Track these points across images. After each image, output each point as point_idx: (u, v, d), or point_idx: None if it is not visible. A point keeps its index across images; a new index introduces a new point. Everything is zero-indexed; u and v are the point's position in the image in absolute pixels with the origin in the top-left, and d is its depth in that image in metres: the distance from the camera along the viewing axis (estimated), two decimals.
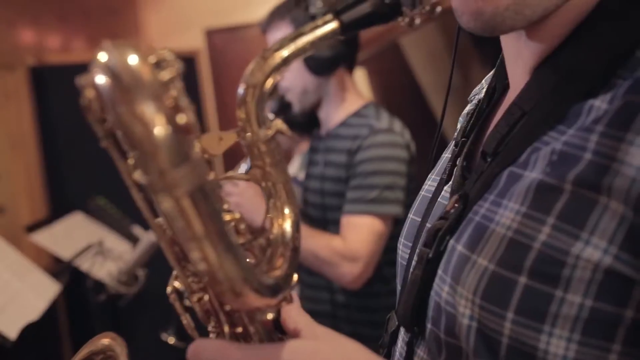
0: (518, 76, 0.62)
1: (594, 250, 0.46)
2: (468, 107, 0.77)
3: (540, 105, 0.55)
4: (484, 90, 0.73)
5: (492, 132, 0.60)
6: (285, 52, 0.50)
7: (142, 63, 0.40)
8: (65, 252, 2.32)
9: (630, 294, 0.45)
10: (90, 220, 2.59)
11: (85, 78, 0.43)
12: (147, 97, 0.39)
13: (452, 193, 0.65)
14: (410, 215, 0.75)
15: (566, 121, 0.52)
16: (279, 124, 0.51)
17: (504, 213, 0.52)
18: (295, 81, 1.67)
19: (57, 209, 3.04)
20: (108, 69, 0.40)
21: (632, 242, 0.44)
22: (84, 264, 2.10)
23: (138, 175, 0.40)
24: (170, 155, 0.39)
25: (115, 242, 2.17)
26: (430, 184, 0.74)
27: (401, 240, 0.74)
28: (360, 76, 3.90)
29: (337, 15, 0.51)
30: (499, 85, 0.68)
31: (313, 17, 1.59)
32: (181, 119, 0.41)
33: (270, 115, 1.68)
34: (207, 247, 0.41)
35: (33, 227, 2.44)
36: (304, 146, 2.36)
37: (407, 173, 1.58)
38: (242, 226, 0.53)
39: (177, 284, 0.54)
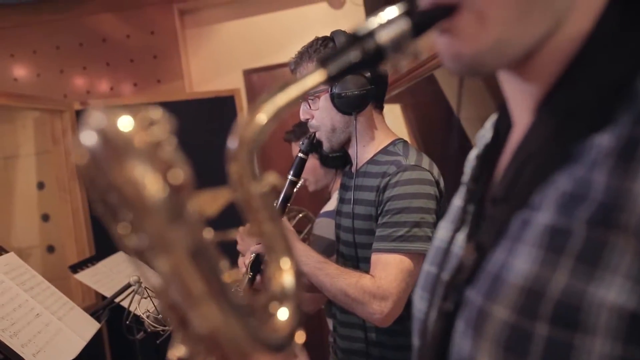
0: (520, 116, 0.61)
1: (614, 292, 0.43)
2: (475, 151, 0.75)
3: (544, 147, 0.53)
4: (490, 134, 0.71)
5: (502, 178, 0.59)
6: (275, 106, 0.49)
7: (132, 124, 0.41)
8: (108, 290, 2.39)
9: None
10: (132, 259, 2.65)
11: (76, 140, 0.43)
12: (139, 158, 0.40)
13: (467, 242, 0.62)
14: (426, 266, 0.72)
15: (571, 161, 0.50)
16: (273, 178, 0.51)
17: (518, 260, 0.50)
18: (324, 120, 1.69)
19: (102, 249, 3.14)
20: (98, 131, 0.41)
21: None
22: (125, 302, 2.16)
23: (134, 239, 0.41)
24: (164, 215, 0.39)
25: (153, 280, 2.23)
26: (443, 232, 0.72)
27: (417, 291, 0.72)
28: (395, 110, 3.93)
29: (323, 65, 0.51)
30: (504, 127, 0.66)
31: None
32: (175, 177, 0.41)
33: (302, 155, 1.71)
34: (209, 307, 0.41)
35: (77, 266, 2.53)
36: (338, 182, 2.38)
37: (436, 209, 1.57)
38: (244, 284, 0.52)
39: (178, 352, 0.50)
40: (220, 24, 4.92)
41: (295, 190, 1.71)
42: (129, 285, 2.12)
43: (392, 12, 0.52)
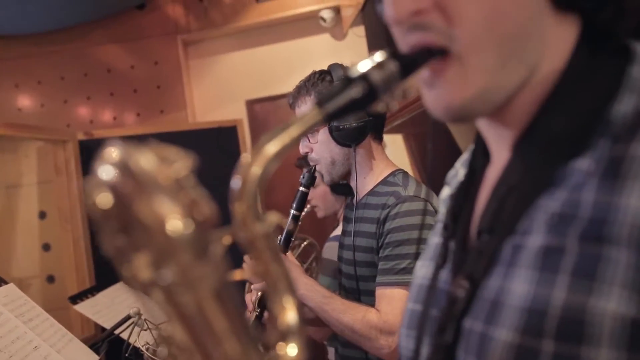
0: (499, 153, 0.63)
1: (614, 302, 0.45)
2: (447, 191, 0.77)
3: (527, 176, 0.56)
4: (462, 173, 0.74)
5: (484, 211, 0.61)
6: (276, 146, 0.50)
7: (154, 159, 0.42)
8: (107, 322, 2.37)
9: None
10: (133, 290, 2.64)
11: (95, 177, 0.43)
12: (164, 193, 0.41)
13: (453, 276, 0.64)
14: (410, 304, 0.73)
15: (554, 186, 0.53)
16: (276, 217, 0.52)
17: (516, 283, 0.52)
18: (324, 153, 1.69)
19: (102, 280, 3.13)
20: (123, 167, 0.41)
21: None
22: (124, 334, 2.14)
23: (152, 274, 0.41)
24: (192, 251, 0.40)
25: (153, 313, 2.22)
26: (424, 270, 0.73)
27: (402, 330, 0.73)
28: (397, 140, 3.94)
29: (320, 106, 0.53)
30: (479, 165, 0.68)
31: None
32: (200, 214, 0.41)
33: (303, 189, 1.72)
34: (231, 345, 0.42)
35: (77, 297, 2.51)
36: None
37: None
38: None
39: None
40: (223, 54, 4.97)
41: (298, 224, 1.72)
42: (128, 317, 2.10)
43: (381, 55, 0.55)
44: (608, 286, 0.46)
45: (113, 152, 0.42)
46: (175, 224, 0.40)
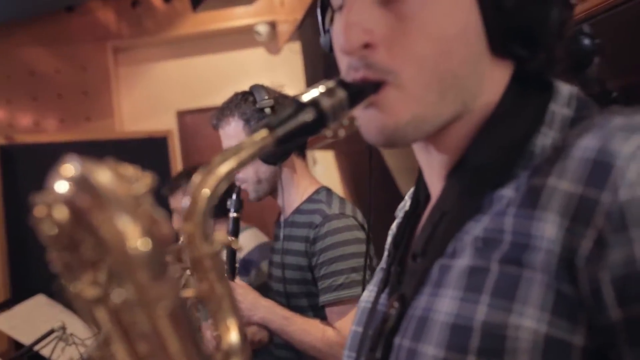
0: (435, 184, 0.67)
1: (529, 320, 0.50)
2: (396, 222, 0.81)
3: (457, 203, 0.60)
4: (408, 203, 0.77)
5: (419, 236, 0.65)
6: (228, 166, 0.51)
7: (116, 176, 0.41)
8: (26, 337, 2.25)
9: (569, 357, 0.49)
10: (54, 303, 2.52)
11: (51, 191, 0.42)
12: (123, 209, 0.40)
13: (389, 297, 0.67)
14: (353, 327, 0.76)
15: (481, 211, 0.57)
16: (223, 237, 0.52)
17: (442, 301, 0.56)
18: (249, 172, 1.72)
19: (19, 292, 2.97)
20: (81, 183, 0.41)
21: (561, 306, 0.49)
22: (45, 350, 2.04)
23: (110, 293, 0.41)
24: (151, 270, 0.39)
25: (79, 327, 2.13)
26: (367, 294, 0.77)
27: (345, 352, 0.75)
28: (328, 157, 3.98)
29: (270, 129, 0.53)
30: (422, 197, 0.72)
31: (260, 110, 1.67)
32: (159, 232, 0.41)
33: (234, 215, 1.72)
34: None
35: None
36: None
37: (367, 252, 1.62)
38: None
39: None
40: (155, 63, 4.88)
41: (237, 249, 1.72)
42: (51, 332, 2.00)
43: (330, 83, 0.56)
44: (525, 305, 0.50)
45: (70, 167, 0.42)
46: (135, 242, 0.39)
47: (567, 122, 0.58)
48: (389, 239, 0.81)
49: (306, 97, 0.55)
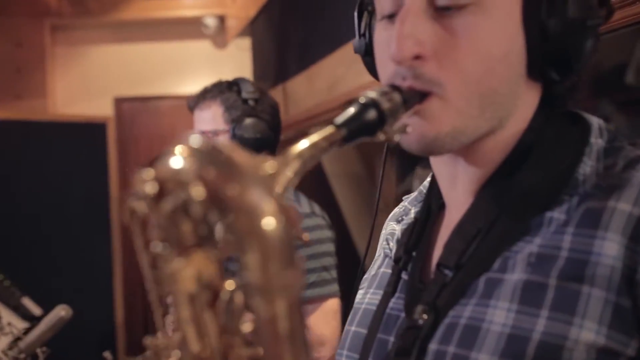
0: (457, 197, 0.69)
1: (588, 332, 0.53)
2: (395, 227, 0.81)
3: (500, 221, 0.63)
4: (413, 210, 0.79)
5: (447, 248, 0.66)
6: (299, 161, 0.50)
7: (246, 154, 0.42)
8: None
9: None
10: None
11: (169, 165, 0.42)
12: (262, 186, 0.40)
13: (408, 304, 0.68)
14: (352, 328, 0.77)
15: (530, 232, 0.61)
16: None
17: (495, 312, 0.58)
18: None
19: None
20: (213, 158, 0.41)
21: (619, 320, 0.54)
22: None
23: (252, 274, 0.39)
24: (289, 253, 0.39)
25: (7, 317, 2.01)
26: (370, 297, 0.77)
27: (343, 352, 0.76)
28: None
29: (337, 127, 0.54)
30: (435, 206, 0.74)
31: (245, 101, 1.66)
32: (290, 213, 0.40)
33: None
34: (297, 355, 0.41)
35: None
36: None
37: (336, 251, 1.67)
38: None
39: None
40: (95, 45, 4.71)
41: None
42: None
43: (385, 87, 0.59)
44: (585, 319, 0.54)
45: (193, 140, 0.42)
46: (270, 220, 0.38)
47: (602, 152, 0.62)
48: (387, 243, 0.81)
49: (366, 98, 0.56)
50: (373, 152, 3.01)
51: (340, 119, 0.54)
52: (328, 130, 0.53)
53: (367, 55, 0.74)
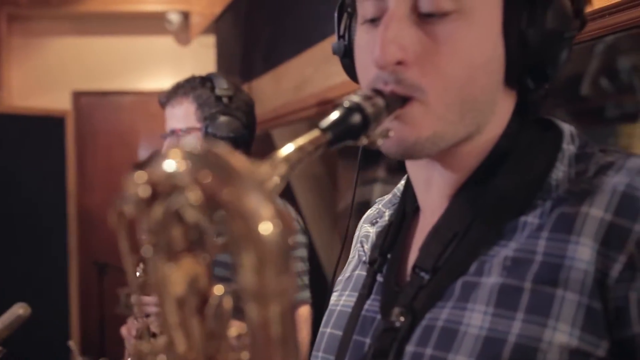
0: (432, 201, 0.70)
1: (561, 334, 0.55)
2: (372, 229, 0.82)
3: (476, 225, 0.64)
4: (387, 213, 0.80)
5: (424, 251, 0.67)
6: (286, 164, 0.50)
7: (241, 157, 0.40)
8: None
9: None
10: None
11: (163, 167, 0.41)
12: (258, 190, 0.39)
13: (384, 306, 0.69)
14: (328, 329, 0.77)
15: (505, 236, 0.62)
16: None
17: (472, 315, 0.59)
18: None
19: None
20: (209, 161, 0.40)
21: (590, 322, 0.55)
22: None
23: (248, 279, 0.39)
24: (285, 259, 0.39)
25: None
26: (345, 299, 0.78)
27: (318, 354, 0.76)
28: None
29: (323, 131, 0.54)
30: (410, 209, 0.75)
31: (218, 98, 1.62)
32: (286, 218, 0.40)
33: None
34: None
35: None
36: None
37: (308, 257, 1.64)
38: None
39: None
40: (54, 37, 4.60)
41: None
42: None
43: (367, 91, 0.59)
44: (558, 321, 0.56)
45: (190, 144, 0.41)
46: (268, 226, 0.38)
47: (573, 158, 0.64)
48: (361, 245, 0.82)
49: (350, 103, 0.56)
50: (333, 154, 3.02)
51: (325, 122, 0.54)
52: (313, 133, 0.53)
53: (346, 57, 0.73)
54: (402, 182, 0.81)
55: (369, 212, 0.87)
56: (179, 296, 0.44)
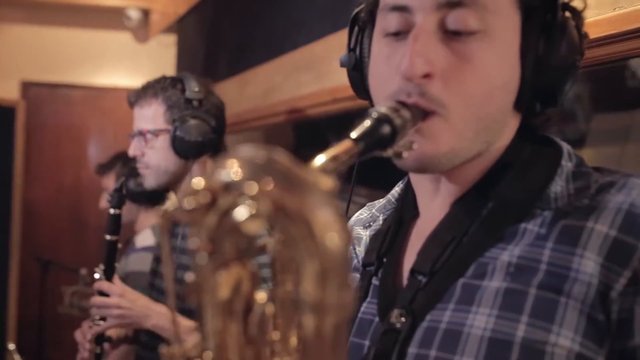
0: (434, 208, 0.72)
1: (565, 339, 0.57)
2: (365, 233, 0.83)
3: (474, 230, 0.66)
4: (381, 217, 0.82)
5: (422, 255, 0.69)
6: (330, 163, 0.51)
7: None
8: None
9: None
10: None
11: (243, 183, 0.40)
12: (327, 202, 0.39)
13: (383, 309, 0.70)
14: None
15: (504, 240, 0.64)
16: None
17: (476, 317, 0.61)
18: (159, 160, 1.62)
19: None
20: (272, 171, 0.40)
21: (592, 331, 0.58)
22: None
23: (309, 290, 0.39)
24: (347, 272, 0.39)
25: None
26: None
27: None
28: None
29: (355, 142, 0.55)
30: (407, 215, 0.77)
31: (188, 101, 1.60)
32: (350, 234, 0.40)
33: (115, 211, 1.59)
34: None
35: None
36: (150, 218, 2.27)
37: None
38: None
39: None
40: (5, 24, 4.43)
41: (117, 249, 1.60)
42: None
43: (392, 103, 0.61)
44: (562, 327, 0.58)
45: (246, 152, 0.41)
46: (334, 237, 0.38)
47: (570, 175, 0.67)
48: (358, 248, 0.82)
49: (379, 114, 0.58)
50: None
51: (357, 132, 0.56)
52: (346, 144, 0.54)
53: (355, 69, 0.75)
54: (397, 188, 0.83)
55: (358, 215, 0.88)
56: (224, 302, 0.44)
